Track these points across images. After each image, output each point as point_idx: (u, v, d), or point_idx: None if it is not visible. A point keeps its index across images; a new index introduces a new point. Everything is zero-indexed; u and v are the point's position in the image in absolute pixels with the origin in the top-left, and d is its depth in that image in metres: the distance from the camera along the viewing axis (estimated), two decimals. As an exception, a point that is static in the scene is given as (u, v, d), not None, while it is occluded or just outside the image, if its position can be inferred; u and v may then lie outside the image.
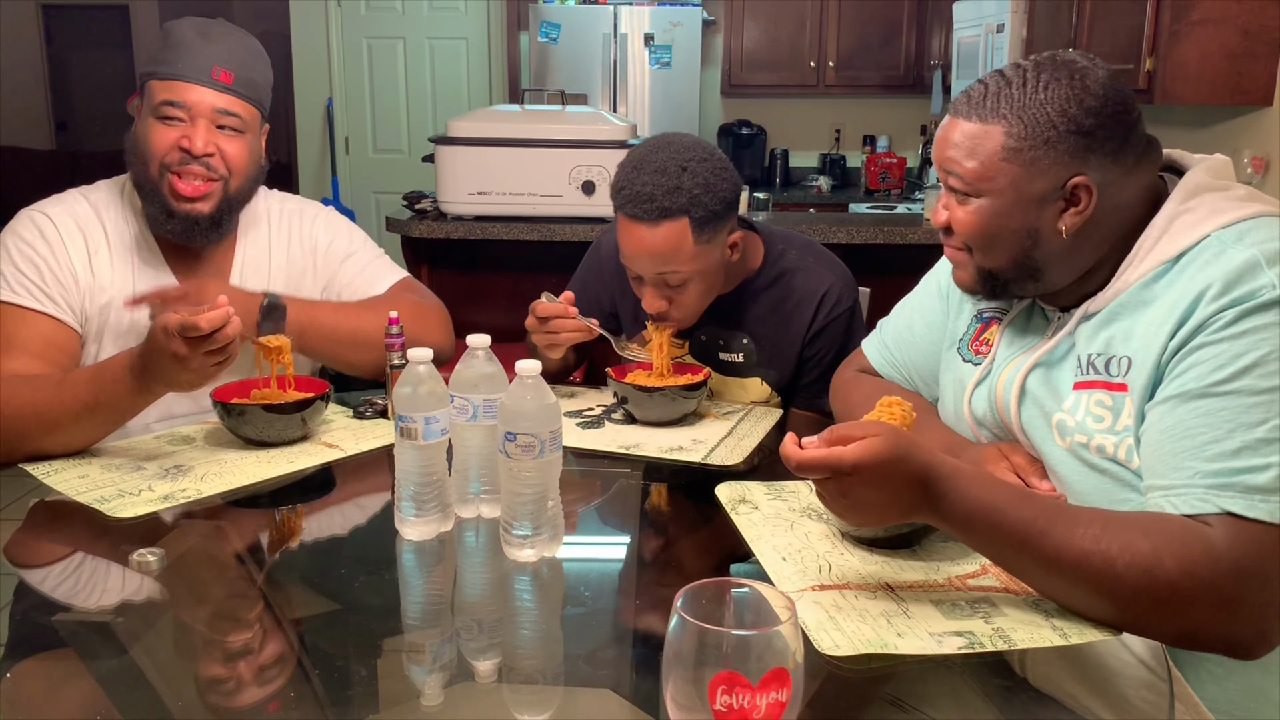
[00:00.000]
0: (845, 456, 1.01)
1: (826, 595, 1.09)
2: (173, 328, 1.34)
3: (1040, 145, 1.13)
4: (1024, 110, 1.14)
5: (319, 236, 1.88)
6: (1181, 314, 1.09)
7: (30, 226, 1.64)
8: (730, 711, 0.71)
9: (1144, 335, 1.13)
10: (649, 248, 1.65)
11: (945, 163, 1.21)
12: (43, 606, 1.13)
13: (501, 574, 1.20)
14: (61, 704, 0.92)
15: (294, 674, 0.98)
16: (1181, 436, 1.05)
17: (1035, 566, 1.04)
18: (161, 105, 1.62)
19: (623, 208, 1.65)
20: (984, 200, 1.18)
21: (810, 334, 1.84)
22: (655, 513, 1.43)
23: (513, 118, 3.20)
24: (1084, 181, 1.14)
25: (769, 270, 1.86)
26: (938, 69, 5.47)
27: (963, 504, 1.04)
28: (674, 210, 1.62)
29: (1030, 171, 1.15)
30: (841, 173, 5.89)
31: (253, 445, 1.55)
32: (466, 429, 1.27)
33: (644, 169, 1.64)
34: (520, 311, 1.76)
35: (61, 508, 1.35)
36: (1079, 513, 1.04)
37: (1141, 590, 0.98)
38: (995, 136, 1.15)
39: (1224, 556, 0.97)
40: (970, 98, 1.19)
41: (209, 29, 1.67)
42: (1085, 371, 1.20)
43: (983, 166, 1.16)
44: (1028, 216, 1.17)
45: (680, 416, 1.70)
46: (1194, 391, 1.06)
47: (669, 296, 1.72)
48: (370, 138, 6.17)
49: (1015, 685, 0.97)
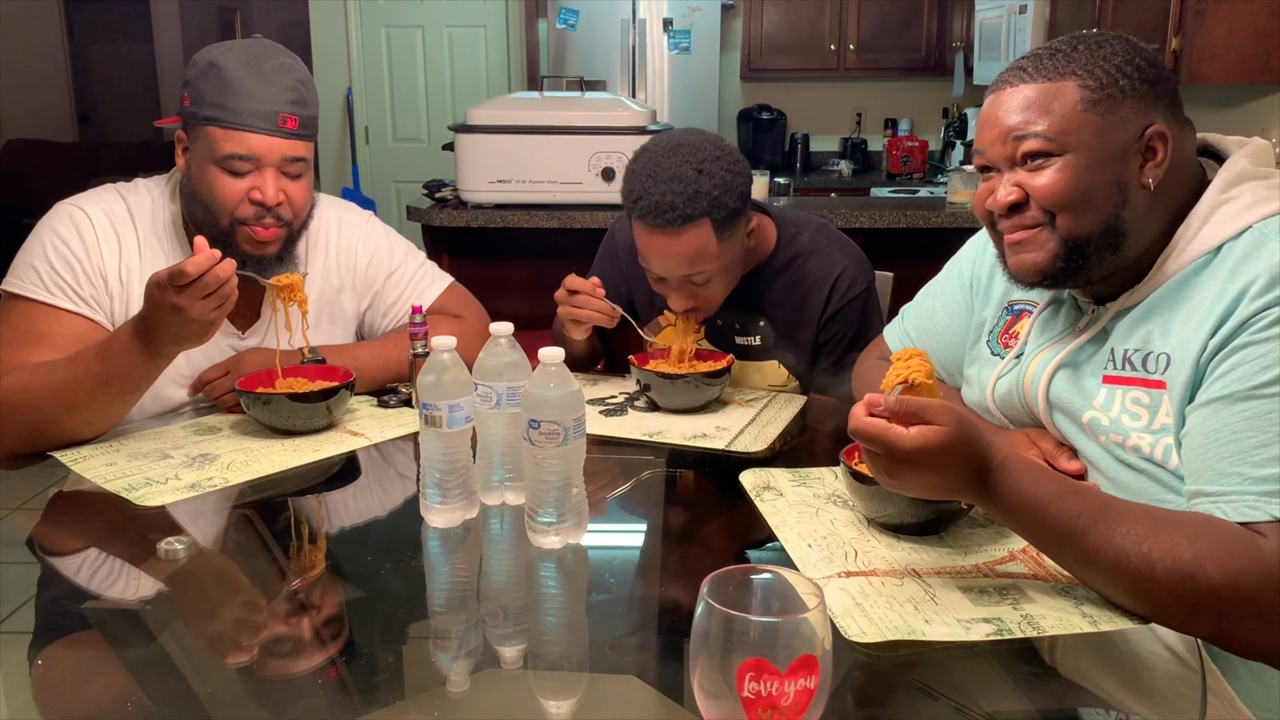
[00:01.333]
0: (901, 443, 0.99)
1: (853, 582, 1.08)
2: (163, 280, 1.35)
3: (1118, 93, 1.13)
4: (1091, 65, 1.14)
5: (358, 253, 1.85)
6: (1223, 311, 1.07)
7: (67, 223, 1.62)
8: (758, 698, 0.71)
9: (1183, 332, 1.11)
10: (674, 254, 1.65)
11: (1015, 130, 1.16)
12: (70, 594, 1.14)
13: (526, 561, 1.20)
14: (91, 691, 0.93)
15: (321, 661, 0.98)
16: (1227, 441, 1.03)
17: (1075, 561, 1.03)
18: (228, 159, 1.57)
19: (643, 218, 1.63)
20: (1069, 157, 1.15)
21: (825, 318, 1.83)
22: (679, 500, 1.42)
23: (532, 105, 3.19)
24: (1160, 129, 1.13)
25: (782, 253, 1.85)
26: (959, 51, 5.42)
27: (1009, 494, 1.02)
28: (696, 215, 1.61)
29: (1111, 121, 1.13)
30: (863, 157, 5.85)
31: (278, 434, 1.55)
32: (490, 416, 1.27)
33: (659, 177, 1.61)
34: (541, 299, 1.76)
35: (82, 498, 1.36)
36: (1126, 511, 1.01)
37: (1179, 595, 0.97)
38: (1070, 90, 1.14)
39: (1273, 568, 0.95)
40: (1023, 69, 1.17)
41: (261, 62, 1.59)
42: (1120, 367, 1.17)
43: (1064, 120, 1.14)
44: (1115, 169, 1.14)
45: (703, 404, 1.69)
46: (1238, 394, 1.03)
47: (694, 293, 1.72)
48: (390, 127, 6.18)
49: (1045, 673, 0.96)
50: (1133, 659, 0.97)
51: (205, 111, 1.58)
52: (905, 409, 1.00)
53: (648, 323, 1.94)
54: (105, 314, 1.62)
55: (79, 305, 1.59)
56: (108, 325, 1.62)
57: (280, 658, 0.99)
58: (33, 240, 1.62)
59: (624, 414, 1.68)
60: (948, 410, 1.01)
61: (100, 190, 1.70)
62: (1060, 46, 1.17)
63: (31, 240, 1.62)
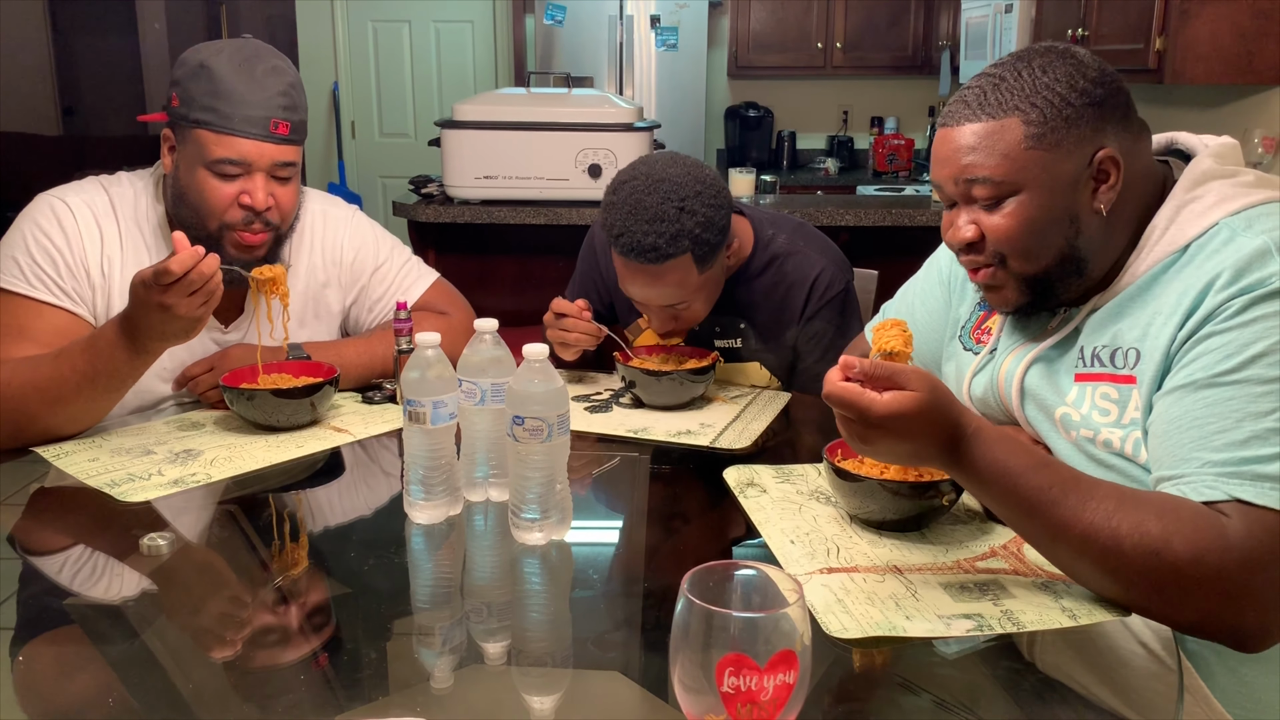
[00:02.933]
0: (874, 408, 1.00)
1: (835, 578, 1.09)
2: (148, 279, 1.35)
3: (1062, 125, 1.12)
4: (1034, 95, 1.12)
5: (344, 249, 1.84)
6: (1190, 304, 1.08)
7: (49, 214, 1.61)
8: (738, 693, 0.71)
9: (1152, 327, 1.12)
10: (655, 288, 1.67)
11: (963, 172, 1.16)
12: (52, 591, 1.13)
13: (510, 557, 1.20)
14: (73, 687, 0.93)
15: (304, 657, 0.98)
16: (1189, 427, 1.04)
17: (1043, 535, 1.03)
18: (218, 163, 1.56)
19: (624, 253, 1.63)
20: (1021, 196, 1.14)
21: (805, 318, 1.84)
22: (663, 496, 1.43)
23: (519, 101, 3.19)
24: (1109, 153, 1.13)
25: (760, 256, 1.85)
26: (946, 49, 5.43)
27: (980, 463, 1.03)
28: (677, 253, 1.61)
29: (1058, 154, 1.12)
30: (849, 154, 5.86)
31: (262, 430, 1.55)
32: (474, 413, 1.28)
33: (640, 215, 1.60)
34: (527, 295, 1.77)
35: (64, 494, 1.36)
36: (1096, 487, 1.02)
37: (1146, 571, 0.98)
38: (1014, 128, 1.13)
39: (1236, 546, 0.96)
40: (968, 102, 1.16)
41: (253, 66, 1.58)
42: (1089, 364, 1.19)
43: (1010, 161, 1.13)
44: (1066, 202, 1.14)
45: (688, 400, 1.70)
46: (1201, 381, 1.04)
47: (676, 316, 1.73)
48: (376, 122, 6.16)
49: (1024, 669, 0.97)
50: (1110, 656, 0.98)
51: (195, 114, 1.56)
52: (879, 373, 1.01)
53: (629, 324, 1.94)
54: (87, 307, 1.61)
55: (60, 299, 1.59)
56: (90, 319, 1.61)
57: (263, 654, 0.99)
58: (13, 232, 1.61)
59: (609, 410, 1.68)
60: (922, 376, 1.01)
61: (82, 182, 1.68)
62: (1004, 75, 1.15)
63: (12, 232, 1.61)
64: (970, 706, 0.91)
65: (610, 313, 1.98)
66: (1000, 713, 0.91)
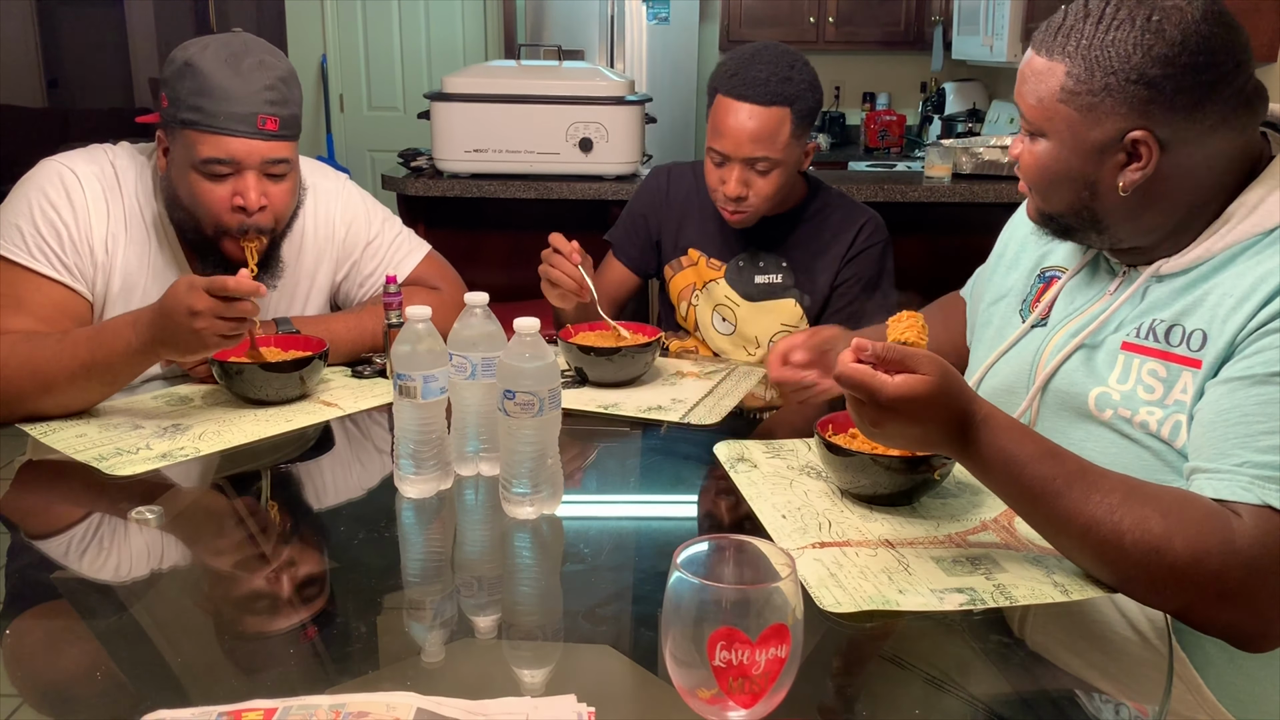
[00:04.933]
0: (885, 390, 0.99)
1: (827, 553, 1.09)
2: (199, 282, 1.35)
3: (1099, 91, 1.08)
4: (1089, 50, 1.08)
5: (335, 222, 1.83)
6: (1267, 293, 1.04)
7: (57, 184, 1.57)
8: (729, 667, 0.71)
9: (1224, 309, 1.08)
10: (753, 129, 1.79)
11: (1017, 98, 1.17)
12: (40, 564, 1.13)
13: (501, 531, 1.20)
14: (62, 661, 0.92)
15: (294, 631, 0.98)
16: (1236, 422, 1.01)
17: (1047, 524, 1.03)
18: (207, 163, 1.53)
19: (733, 90, 1.80)
20: (1045, 142, 1.14)
21: (847, 257, 1.96)
22: (653, 470, 1.43)
23: (509, 73, 3.16)
24: (1144, 136, 1.07)
25: (812, 204, 1.99)
26: (938, 25, 5.41)
27: (987, 450, 1.02)
28: (782, 98, 1.79)
29: (1086, 118, 1.10)
30: (841, 130, 5.84)
31: (251, 404, 1.54)
32: (465, 387, 1.27)
33: (757, 60, 1.81)
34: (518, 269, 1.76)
35: (52, 467, 1.35)
36: (1102, 479, 1.01)
37: (1145, 568, 0.97)
38: (1057, 75, 1.11)
39: (1241, 550, 0.95)
40: (1048, 28, 1.14)
41: (239, 60, 1.54)
42: (1144, 337, 1.15)
43: (1042, 106, 1.13)
44: (1085, 165, 1.12)
45: (632, 378, 1.68)
46: (1260, 376, 1.02)
47: (750, 181, 1.84)
48: (365, 95, 6.10)
49: (1014, 643, 0.97)
50: (1101, 642, 0.98)
51: (182, 114, 1.53)
52: (891, 356, 1.00)
53: (669, 262, 2.06)
54: (87, 284, 1.59)
55: (61, 273, 1.56)
56: (88, 295, 1.59)
57: (253, 628, 0.99)
58: (18, 198, 1.57)
59: (580, 386, 1.67)
60: (933, 360, 1.00)
61: (89, 151, 1.65)
62: (1084, 14, 1.10)
63: (17, 198, 1.58)
64: (960, 681, 0.92)
65: (656, 253, 2.09)
66: (990, 687, 0.91)
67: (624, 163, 3.16)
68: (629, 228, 2.09)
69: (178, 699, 0.84)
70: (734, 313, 2.00)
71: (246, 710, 0.80)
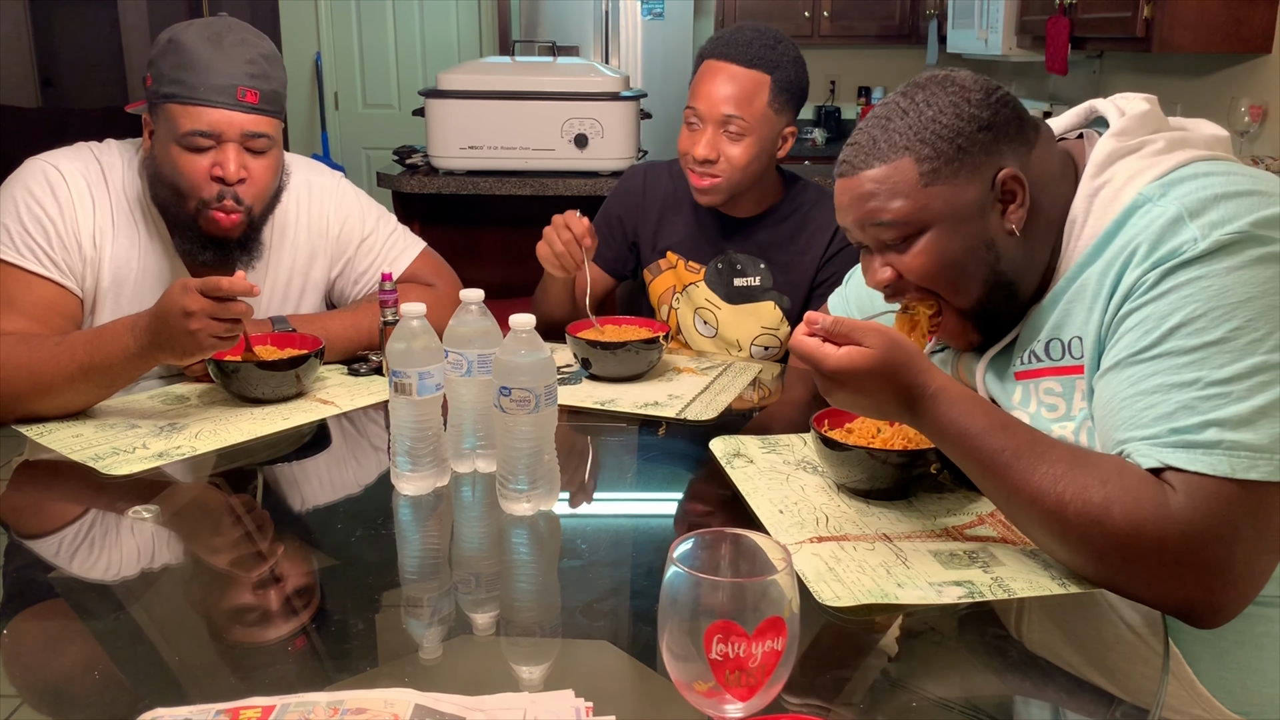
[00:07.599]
0: (827, 362, 1.04)
1: (824, 547, 1.09)
2: (193, 284, 1.35)
3: (955, 156, 1.10)
4: (922, 133, 1.11)
5: (330, 219, 1.82)
6: (1112, 282, 1.07)
7: (42, 181, 1.58)
8: (726, 660, 0.71)
9: (1086, 311, 1.10)
10: (730, 90, 1.78)
11: (867, 218, 1.15)
12: (37, 564, 1.13)
13: (498, 528, 1.20)
14: (60, 660, 0.92)
15: (292, 629, 0.98)
16: (1120, 408, 1.02)
17: (998, 495, 1.05)
18: (188, 135, 1.53)
19: (715, 50, 1.81)
20: (929, 234, 1.13)
21: (826, 257, 1.92)
22: (650, 466, 1.43)
23: (504, 70, 3.16)
24: (1010, 172, 1.11)
25: (790, 202, 1.96)
26: (933, 19, 5.41)
27: (938, 423, 1.05)
28: (763, 62, 1.79)
29: (957, 184, 1.11)
30: (836, 125, 5.84)
31: (247, 402, 1.54)
32: (461, 384, 1.27)
33: (744, 29, 1.83)
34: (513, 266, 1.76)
35: (48, 467, 1.35)
36: (1050, 450, 1.01)
37: (1086, 538, 0.97)
38: (908, 168, 1.11)
39: (1177, 517, 0.94)
40: (860, 148, 1.15)
41: (221, 37, 1.55)
42: (1028, 361, 1.17)
43: (910, 201, 1.12)
44: (975, 228, 1.12)
45: (638, 373, 1.69)
46: (1125, 360, 1.03)
47: (720, 146, 1.81)
48: (359, 92, 6.09)
49: (1009, 639, 0.97)
50: (1096, 638, 0.99)
51: (165, 89, 1.54)
52: (839, 329, 1.04)
53: (648, 264, 2.03)
54: (76, 280, 1.59)
55: (50, 270, 1.56)
56: (78, 292, 1.59)
57: (251, 626, 0.99)
58: (4, 197, 1.58)
59: (578, 382, 1.67)
60: (879, 333, 1.03)
61: (74, 148, 1.65)
62: (890, 116, 1.13)
63: (3, 197, 1.58)
64: (957, 677, 0.92)
65: (633, 255, 2.05)
66: (986, 683, 0.91)
67: (619, 158, 3.16)
68: (604, 230, 2.03)
69: (176, 697, 0.84)
70: (715, 315, 1.98)
71: (244, 708, 0.80)
